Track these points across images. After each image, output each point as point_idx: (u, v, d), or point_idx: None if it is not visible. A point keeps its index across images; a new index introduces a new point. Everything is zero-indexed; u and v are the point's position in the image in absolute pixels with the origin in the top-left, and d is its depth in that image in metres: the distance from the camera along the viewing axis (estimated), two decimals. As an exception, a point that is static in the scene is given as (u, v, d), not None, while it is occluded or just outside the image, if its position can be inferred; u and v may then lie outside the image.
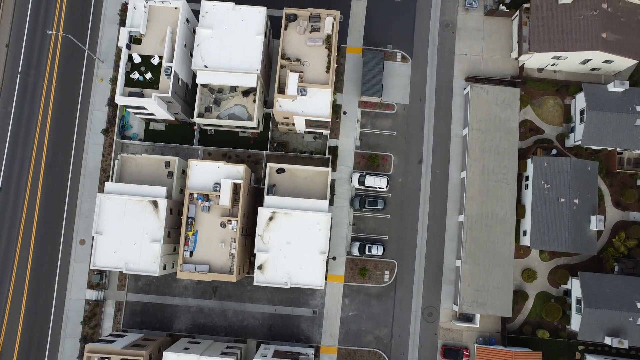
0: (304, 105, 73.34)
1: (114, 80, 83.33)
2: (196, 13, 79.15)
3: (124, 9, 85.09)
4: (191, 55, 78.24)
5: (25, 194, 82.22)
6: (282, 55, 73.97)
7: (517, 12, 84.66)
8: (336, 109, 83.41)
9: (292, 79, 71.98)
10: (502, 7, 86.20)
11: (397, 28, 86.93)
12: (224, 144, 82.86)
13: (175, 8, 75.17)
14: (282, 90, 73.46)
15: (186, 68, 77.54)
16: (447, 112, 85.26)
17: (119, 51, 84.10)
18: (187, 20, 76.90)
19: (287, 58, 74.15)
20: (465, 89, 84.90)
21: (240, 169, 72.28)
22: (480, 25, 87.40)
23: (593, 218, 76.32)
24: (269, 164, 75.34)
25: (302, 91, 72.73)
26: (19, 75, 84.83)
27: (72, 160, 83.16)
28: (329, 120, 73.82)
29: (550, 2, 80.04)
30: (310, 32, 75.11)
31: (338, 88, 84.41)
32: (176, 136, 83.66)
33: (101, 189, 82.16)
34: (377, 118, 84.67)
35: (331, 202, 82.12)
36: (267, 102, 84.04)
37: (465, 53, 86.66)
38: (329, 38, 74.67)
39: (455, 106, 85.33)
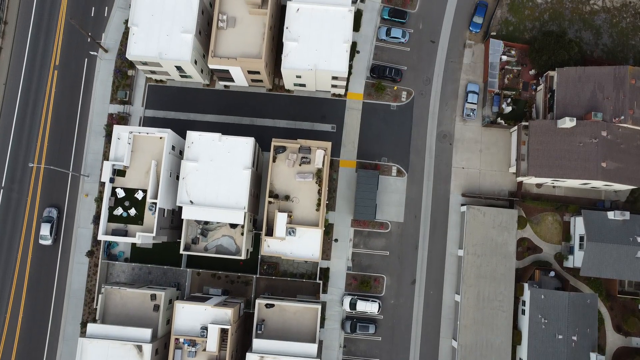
0: (293, 246, 71.10)
1: (99, 199, 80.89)
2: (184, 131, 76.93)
3: (110, 123, 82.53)
4: (177, 178, 75.88)
5: (7, 315, 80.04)
6: (270, 192, 71.46)
7: (516, 127, 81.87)
8: (328, 230, 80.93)
9: (281, 220, 69.56)
10: (501, 121, 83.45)
11: (393, 139, 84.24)
12: (212, 265, 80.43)
13: (160, 138, 72.69)
14: (270, 231, 70.98)
15: (172, 195, 75.09)
16: (443, 230, 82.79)
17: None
18: (173, 148, 74.40)
19: (276, 195, 71.65)
20: (462, 205, 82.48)
21: (228, 312, 70.01)
22: (479, 136, 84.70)
23: (593, 356, 74.00)
24: (258, 300, 73.02)
25: (291, 232, 70.34)
26: (2, 189, 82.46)
27: (56, 281, 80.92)
28: (319, 260, 71.49)
29: (549, 125, 77.32)
30: (300, 164, 72.57)
31: (330, 206, 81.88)
32: (164, 254, 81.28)
33: (86, 311, 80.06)
34: (370, 237, 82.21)
35: (322, 325, 79.86)
36: (257, 221, 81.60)
37: (462, 166, 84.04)
38: (319, 172, 72.09)
39: (451, 224, 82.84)
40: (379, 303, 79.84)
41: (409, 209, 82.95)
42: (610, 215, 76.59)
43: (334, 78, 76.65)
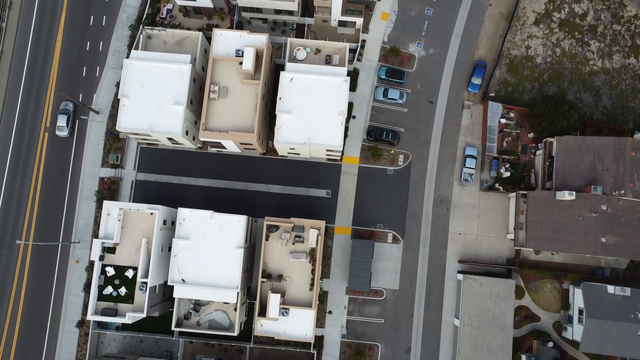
0: (287, 325, 69.80)
1: (89, 268, 79.55)
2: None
3: (100, 189, 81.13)
4: (170, 250, 74.52)
5: (-2, 385, 79.12)
6: (263, 272, 70.10)
7: (515, 194, 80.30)
8: (322, 298, 79.61)
9: (274, 301, 68.20)
10: (499, 187, 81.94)
11: (389, 204, 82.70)
12: (206, 334, 78.98)
13: (151, 214, 71.28)
14: (263, 311, 69.66)
15: (164, 269, 73.67)
16: (439, 298, 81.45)
17: (95, 231, 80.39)
18: (165, 222, 73.00)
19: (269, 275, 70.30)
20: (458, 272, 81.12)
21: (218, 395, 68.84)
22: (476, 201, 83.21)
23: None
24: (250, 378, 71.97)
25: (284, 313, 69.03)
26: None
27: (44, 351, 79.67)
28: (312, 341, 70.20)
29: (548, 196, 75.83)
30: (294, 243, 71.14)
31: (325, 273, 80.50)
32: (156, 322, 79.80)
33: (76, 381, 78.96)
34: (364, 305, 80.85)
35: (316, 394, 78.77)
36: (251, 289, 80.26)
37: (459, 232, 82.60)
38: (313, 252, 70.69)
39: (447, 291, 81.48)
40: (373, 374, 78.69)
41: (404, 276, 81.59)
42: (610, 289, 75.12)
43: (329, 150, 75.12)
